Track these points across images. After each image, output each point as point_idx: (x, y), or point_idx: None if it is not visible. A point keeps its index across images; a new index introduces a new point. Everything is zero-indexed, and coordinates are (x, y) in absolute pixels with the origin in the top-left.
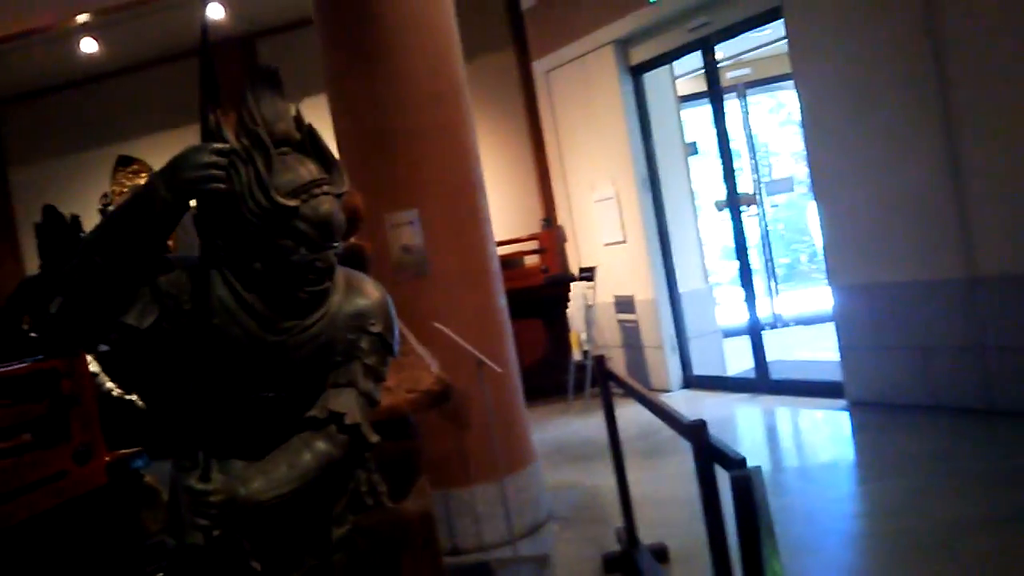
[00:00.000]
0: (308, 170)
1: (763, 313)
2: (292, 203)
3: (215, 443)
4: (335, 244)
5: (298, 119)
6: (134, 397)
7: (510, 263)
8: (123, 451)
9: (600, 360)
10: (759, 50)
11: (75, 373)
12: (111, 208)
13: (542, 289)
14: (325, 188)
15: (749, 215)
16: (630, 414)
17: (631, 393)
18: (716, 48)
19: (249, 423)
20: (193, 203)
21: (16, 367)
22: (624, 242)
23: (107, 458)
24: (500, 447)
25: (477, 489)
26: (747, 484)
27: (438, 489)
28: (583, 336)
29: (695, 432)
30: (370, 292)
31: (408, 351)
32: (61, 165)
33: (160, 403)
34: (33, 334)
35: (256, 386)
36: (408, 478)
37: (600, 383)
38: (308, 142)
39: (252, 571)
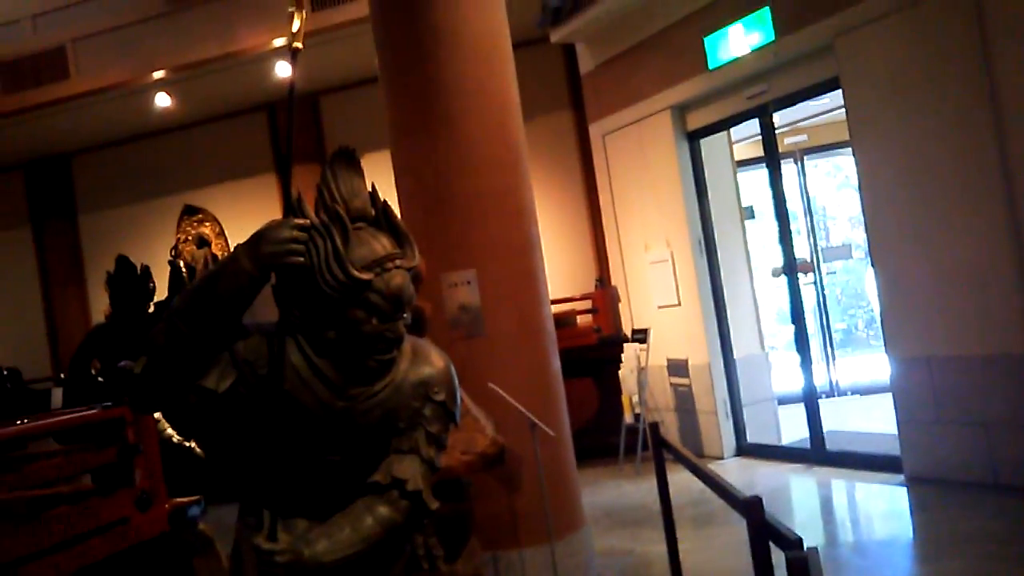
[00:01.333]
0: (382, 245)
1: (819, 380)
2: (366, 277)
3: (280, 502)
4: (404, 315)
5: (373, 195)
6: (193, 444)
7: (563, 322)
8: (181, 499)
9: (655, 427)
10: (817, 118)
11: (140, 422)
12: (180, 261)
13: (594, 349)
14: (398, 262)
15: (806, 282)
16: (683, 480)
17: (685, 463)
18: (774, 115)
19: (314, 485)
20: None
21: (86, 413)
22: (678, 305)
23: (168, 506)
24: (551, 510)
25: (527, 552)
26: (804, 566)
27: (488, 551)
28: (635, 398)
29: (750, 508)
30: (435, 361)
31: (464, 412)
32: (129, 214)
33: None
34: (101, 379)
35: (322, 449)
36: (460, 540)
37: (654, 451)
38: (382, 218)
39: None
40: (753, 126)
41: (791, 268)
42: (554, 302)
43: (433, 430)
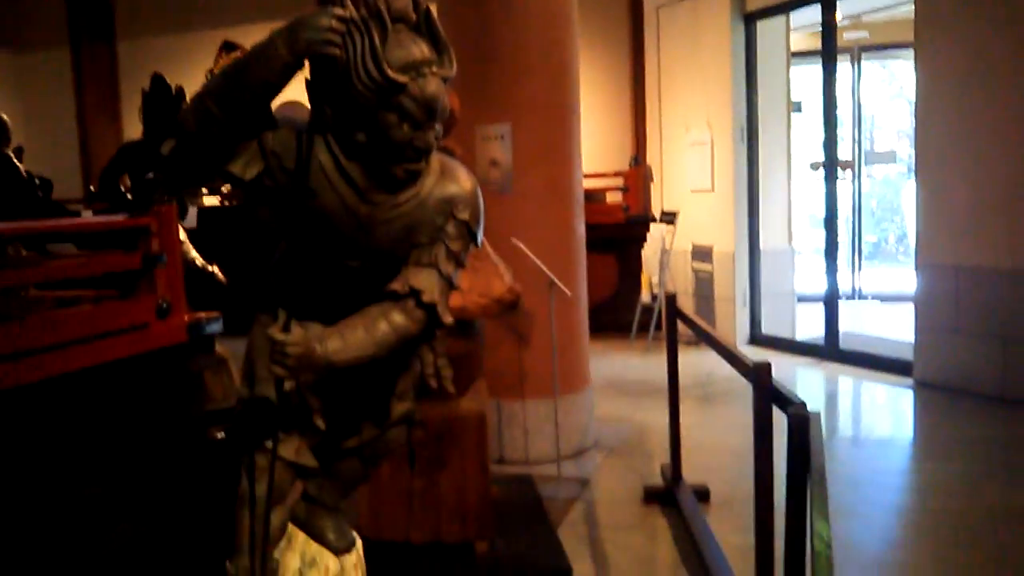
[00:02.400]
0: (420, 49)
1: (843, 284)
2: (402, 79)
3: (297, 305)
4: (436, 125)
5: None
6: (215, 269)
7: (593, 197)
8: (202, 313)
9: (671, 299)
10: (881, 12)
11: (165, 232)
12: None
13: (621, 227)
14: (434, 69)
15: (843, 178)
16: (692, 360)
17: (697, 332)
18: (837, 3)
19: (332, 290)
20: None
21: (114, 220)
22: (711, 190)
23: (187, 318)
24: (557, 368)
25: (530, 404)
26: (804, 424)
27: (493, 398)
28: (654, 279)
29: (759, 372)
30: (463, 180)
31: (484, 257)
32: (167, 44)
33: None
34: (130, 196)
35: (343, 254)
36: (468, 378)
37: (667, 321)
38: (423, 23)
39: (315, 429)
40: (814, 13)
41: (831, 164)
42: (585, 177)
43: (454, 248)
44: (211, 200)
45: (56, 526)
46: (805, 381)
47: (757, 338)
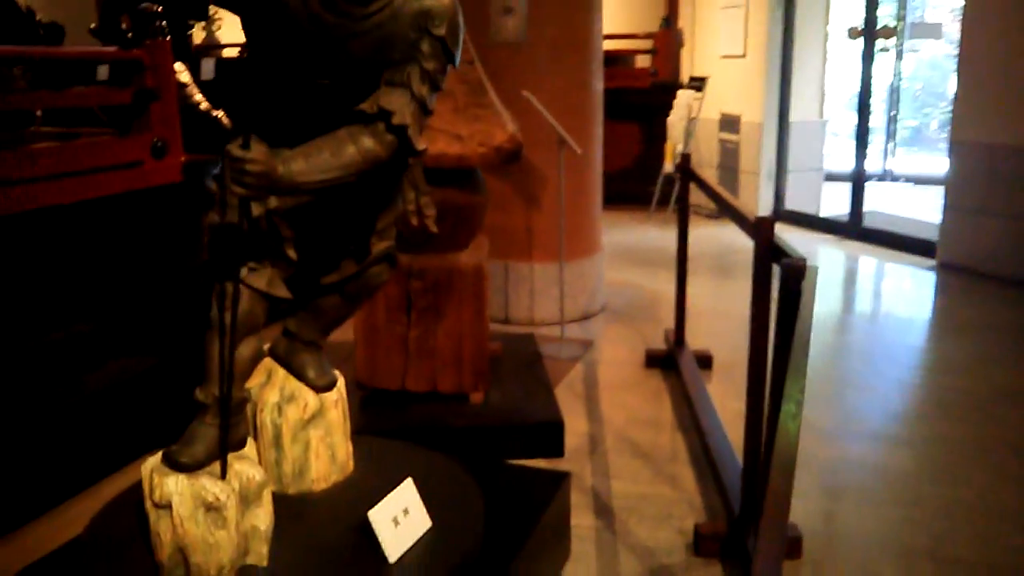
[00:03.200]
0: None
1: (873, 164)
2: None
3: (268, 130)
4: None
5: None
6: (221, 114)
7: (619, 59)
8: (199, 155)
9: (685, 159)
10: None
11: (159, 68)
12: None
13: (646, 94)
14: None
15: (884, 49)
16: (711, 232)
17: (707, 192)
18: None
19: (302, 111)
20: None
21: (103, 50)
22: (743, 56)
23: (183, 158)
24: (566, 230)
25: (537, 266)
26: (798, 275)
27: (500, 259)
28: (678, 148)
29: (760, 227)
30: None
31: (487, 105)
32: None
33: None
34: (131, 35)
35: (312, 71)
36: (468, 230)
37: (680, 183)
38: None
39: (289, 260)
40: None
41: (870, 32)
42: (611, 37)
43: (428, 67)
44: (230, 52)
45: (42, 362)
46: (826, 258)
47: (780, 213)
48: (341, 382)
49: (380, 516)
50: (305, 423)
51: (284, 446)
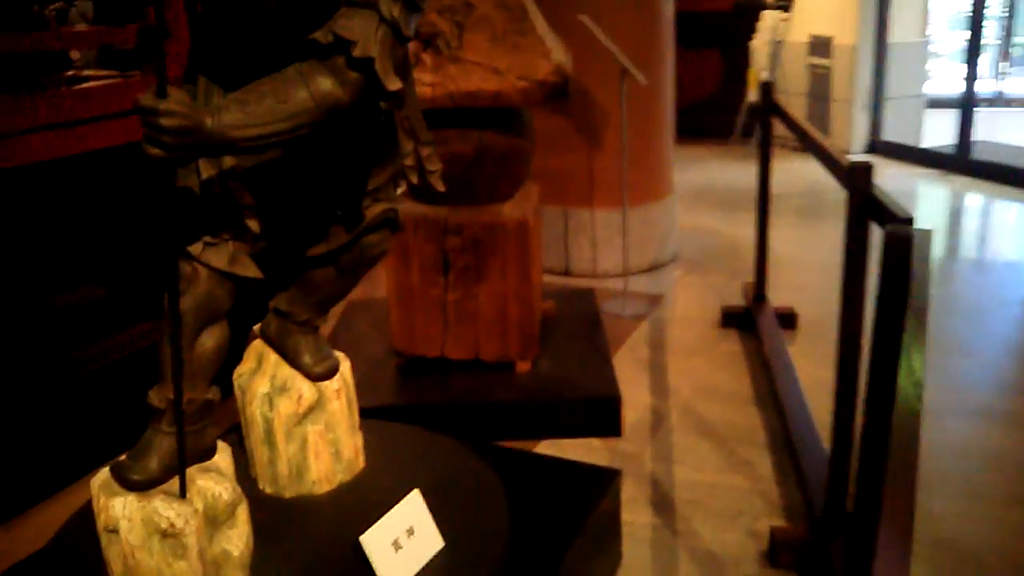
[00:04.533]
0: None
1: (983, 88)
2: None
3: (218, 72)
4: None
5: None
6: None
7: None
8: None
9: (766, 88)
10: None
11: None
12: None
13: (727, 17)
14: None
15: None
16: (796, 168)
17: (790, 126)
18: None
19: (254, 48)
20: None
21: None
22: None
23: None
24: (632, 172)
25: (599, 213)
26: (906, 245)
27: (559, 206)
28: (763, 75)
29: (855, 175)
30: None
31: (528, 31)
32: None
33: None
34: None
35: None
36: (510, 179)
37: (761, 114)
38: None
39: (258, 233)
40: None
41: None
42: None
43: None
44: None
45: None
46: (928, 196)
47: (877, 146)
48: (346, 366)
49: (376, 541)
50: (300, 417)
51: (277, 444)
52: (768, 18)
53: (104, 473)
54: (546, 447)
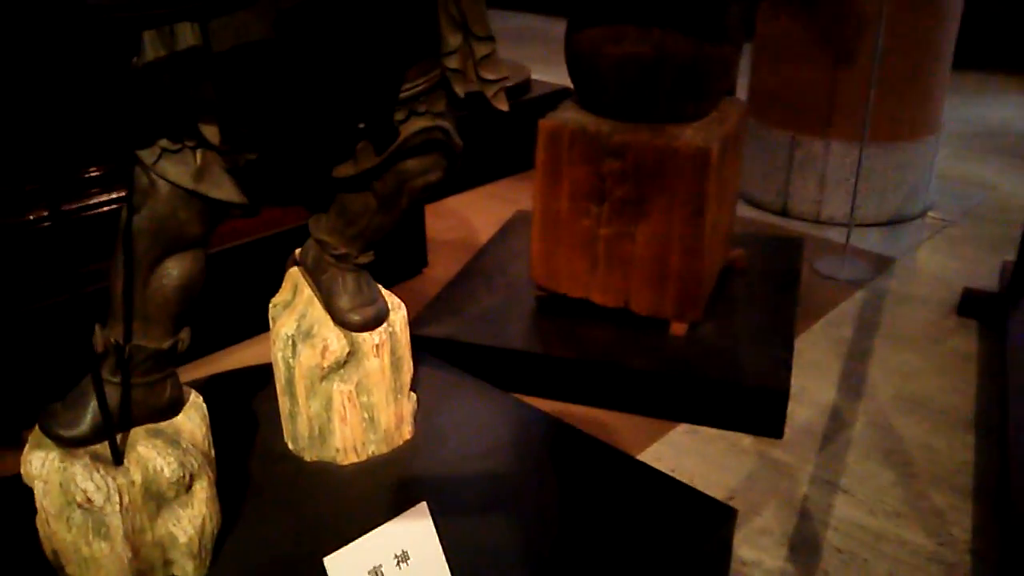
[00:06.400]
0: None
1: None
2: None
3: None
4: None
5: None
6: None
7: None
8: None
9: None
10: None
11: None
12: None
13: None
14: None
15: None
16: None
17: None
18: None
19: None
20: None
21: None
22: None
23: None
24: (885, 101)
25: (835, 145)
26: None
27: (785, 130)
28: None
29: None
30: None
31: None
32: None
33: None
34: None
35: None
36: (698, 95)
37: None
38: None
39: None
40: None
41: None
42: None
43: None
44: None
45: None
46: None
47: None
48: (399, 315)
49: (344, 566)
50: (325, 371)
51: (298, 397)
52: None
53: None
54: (681, 433)
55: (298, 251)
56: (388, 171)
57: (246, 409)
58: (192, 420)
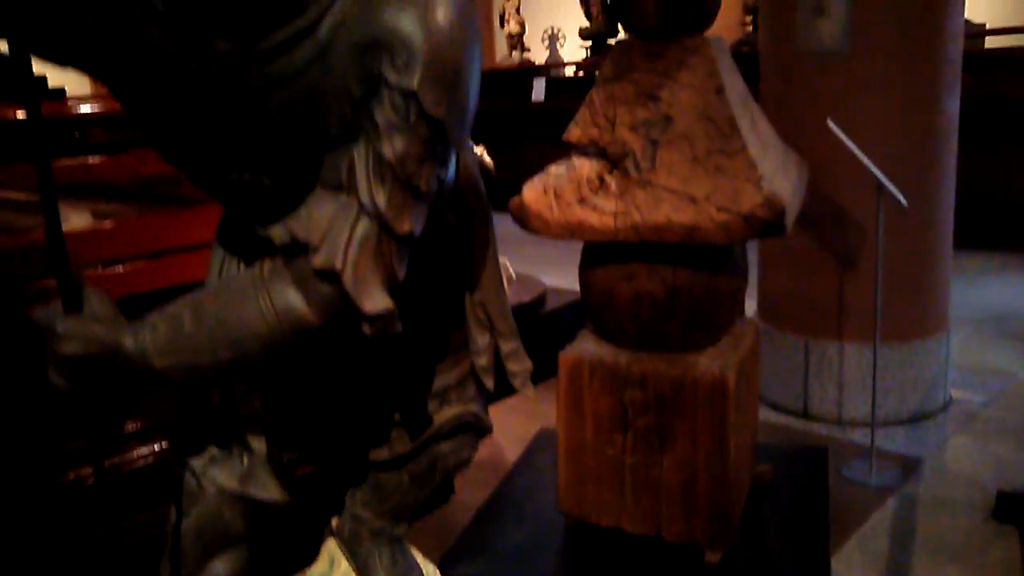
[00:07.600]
0: None
1: None
2: None
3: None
4: None
5: None
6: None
7: (1000, 60)
8: None
9: None
10: None
11: None
12: None
13: None
14: None
15: None
16: None
17: None
18: None
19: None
20: None
21: None
22: None
23: None
24: (893, 302)
25: (849, 348)
26: None
27: (799, 335)
28: None
29: None
30: (411, 5)
31: (735, 151)
32: None
33: None
34: None
35: (218, 157)
36: (709, 326)
37: None
38: None
39: (283, 441)
40: None
41: None
42: (996, 32)
43: (390, 150)
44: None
45: None
46: None
47: None
48: None
49: None
50: None
51: None
52: None
53: None
54: None
55: (335, 521)
56: (422, 453)
57: None
58: None
